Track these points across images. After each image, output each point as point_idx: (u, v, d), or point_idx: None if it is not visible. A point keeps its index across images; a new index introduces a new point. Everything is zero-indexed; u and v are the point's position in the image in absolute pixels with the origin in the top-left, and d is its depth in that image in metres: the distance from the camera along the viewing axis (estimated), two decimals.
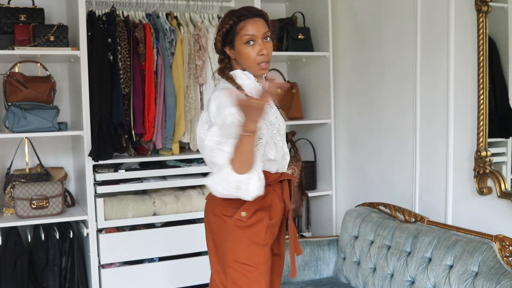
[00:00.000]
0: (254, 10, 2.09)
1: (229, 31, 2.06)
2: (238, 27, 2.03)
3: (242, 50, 2.04)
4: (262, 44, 2.03)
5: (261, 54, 2.03)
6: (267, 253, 2.08)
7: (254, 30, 2.02)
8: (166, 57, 3.31)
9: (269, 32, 2.07)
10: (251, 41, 2.02)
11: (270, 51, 2.06)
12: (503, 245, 2.25)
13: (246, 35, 2.02)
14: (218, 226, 2.07)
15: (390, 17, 3.08)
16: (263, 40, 2.04)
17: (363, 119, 3.35)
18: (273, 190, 2.08)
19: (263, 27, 2.05)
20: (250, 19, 2.03)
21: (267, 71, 2.09)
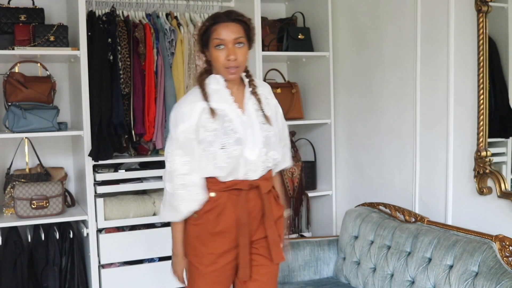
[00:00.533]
0: (233, 15, 2.09)
1: (204, 33, 2.09)
2: (211, 29, 2.06)
3: (213, 53, 2.07)
4: (231, 49, 2.04)
5: (229, 59, 2.04)
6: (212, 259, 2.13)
7: (225, 35, 2.04)
8: (166, 57, 3.31)
9: (244, 38, 2.08)
10: (221, 45, 2.05)
11: (241, 57, 2.06)
12: (503, 245, 2.25)
13: (216, 38, 2.05)
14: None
15: (390, 17, 3.08)
16: (235, 45, 2.05)
17: (363, 119, 3.35)
18: (227, 197, 2.10)
19: (236, 32, 2.05)
20: (224, 23, 2.05)
21: (236, 75, 2.10)
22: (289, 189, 3.59)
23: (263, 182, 2.14)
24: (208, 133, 2.08)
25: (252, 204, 2.13)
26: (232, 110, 2.11)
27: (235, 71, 2.08)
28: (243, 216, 2.10)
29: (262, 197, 2.12)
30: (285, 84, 3.76)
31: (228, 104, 2.11)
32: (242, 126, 2.10)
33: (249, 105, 2.14)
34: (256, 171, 2.12)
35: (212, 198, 2.12)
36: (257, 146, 2.10)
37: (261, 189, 2.12)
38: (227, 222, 2.11)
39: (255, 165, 2.11)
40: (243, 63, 2.10)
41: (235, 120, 2.09)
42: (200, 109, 2.08)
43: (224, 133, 2.07)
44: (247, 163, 2.09)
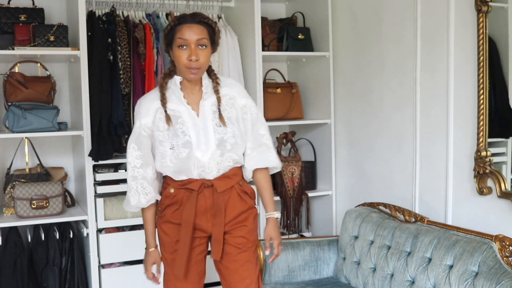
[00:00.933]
0: (198, 17, 2.14)
1: (168, 33, 2.14)
2: (175, 29, 2.11)
3: (175, 53, 2.12)
4: (193, 50, 2.08)
5: (190, 60, 2.08)
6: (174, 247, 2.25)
7: (188, 35, 2.08)
8: (166, 57, 3.31)
9: (207, 40, 2.12)
10: (184, 45, 2.10)
11: (203, 59, 2.11)
12: (503, 245, 2.25)
13: (179, 38, 2.09)
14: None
15: (390, 17, 3.08)
16: (197, 46, 2.09)
17: (363, 119, 3.35)
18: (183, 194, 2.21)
19: (199, 34, 2.10)
20: (188, 24, 2.10)
21: (197, 76, 2.15)
22: (289, 189, 3.60)
23: (219, 181, 2.20)
24: (160, 132, 2.17)
25: (209, 202, 2.21)
26: (186, 112, 2.17)
27: (196, 72, 2.12)
28: (188, 213, 2.19)
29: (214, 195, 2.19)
30: (285, 84, 3.76)
31: (184, 105, 2.17)
32: (194, 128, 2.16)
33: (206, 106, 2.19)
34: (211, 172, 2.19)
35: (171, 194, 2.23)
36: (209, 149, 2.16)
37: (215, 188, 2.19)
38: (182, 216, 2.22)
39: (208, 167, 2.18)
40: (204, 64, 2.14)
41: (187, 122, 2.16)
42: (155, 108, 2.18)
43: (174, 134, 2.15)
44: (199, 164, 2.16)
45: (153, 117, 2.17)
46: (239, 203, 2.27)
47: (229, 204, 2.24)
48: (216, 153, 2.17)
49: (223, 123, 2.19)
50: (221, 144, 2.18)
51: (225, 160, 2.21)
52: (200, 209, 2.22)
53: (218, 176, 2.21)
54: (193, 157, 2.15)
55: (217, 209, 2.21)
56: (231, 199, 2.25)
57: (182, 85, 2.19)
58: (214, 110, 2.20)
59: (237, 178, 2.28)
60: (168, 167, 2.19)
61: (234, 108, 2.24)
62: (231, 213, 2.25)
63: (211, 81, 2.22)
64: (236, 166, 2.28)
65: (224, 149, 2.19)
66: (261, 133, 2.32)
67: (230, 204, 2.25)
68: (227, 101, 2.23)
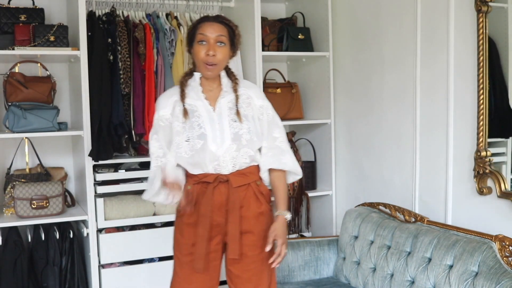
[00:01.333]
0: (220, 17, 2.25)
1: (191, 31, 2.23)
2: (197, 27, 2.20)
3: (195, 49, 2.20)
4: (212, 45, 2.16)
5: (208, 55, 2.16)
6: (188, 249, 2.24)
7: (208, 32, 2.17)
8: (166, 57, 3.31)
9: (226, 38, 2.20)
10: (203, 41, 2.17)
11: (220, 56, 2.18)
12: (503, 245, 2.25)
13: (200, 34, 2.18)
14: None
15: (390, 17, 3.08)
16: (216, 43, 2.17)
17: (363, 119, 3.35)
18: (199, 190, 2.23)
19: (219, 31, 2.18)
20: (210, 22, 2.19)
21: (213, 73, 2.22)
22: (289, 189, 3.60)
23: (235, 176, 2.22)
24: (178, 123, 2.24)
25: (224, 197, 2.21)
26: (203, 106, 2.23)
27: (212, 68, 2.19)
28: (205, 208, 2.20)
29: (229, 191, 2.20)
30: (285, 84, 3.76)
31: (201, 100, 2.24)
32: (210, 122, 2.21)
33: (222, 103, 2.25)
34: (226, 166, 2.21)
35: (188, 191, 2.24)
36: (224, 143, 2.20)
37: (231, 183, 2.21)
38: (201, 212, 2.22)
39: (223, 161, 2.20)
40: (221, 61, 2.21)
41: (203, 116, 2.22)
42: (173, 101, 2.26)
43: (190, 126, 2.22)
44: (214, 157, 2.20)
45: (172, 109, 2.24)
46: (254, 203, 2.26)
47: (245, 202, 2.24)
48: (232, 147, 2.21)
49: (240, 119, 2.23)
50: (236, 139, 2.21)
51: (241, 156, 2.23)
52: (216, 204, 2.22)
53: (233, 172, 2.23)
54: (207, 150, 2.19)
55: (232, 205, 2.21)
56: (247, 197, 2.25)
57: (201, 82, 2.26)
58: (231, 107, 2.25)
59: (254, 177, 2.28)
60: (183, 158, 2.23)
61: (250, 107, 2.29)
62: (246, 212, 2.24)
63: (230, 81, 2.29)
64: (253, 164, 2.28)
65: (240, 144, 2.21)
66: (274, 135, 2.33)
67: (246, 202, 2.24)
68: (244, 100, 2.28)
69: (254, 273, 2.26)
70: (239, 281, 2.27)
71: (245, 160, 2.24)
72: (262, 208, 2.28)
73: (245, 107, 2.27)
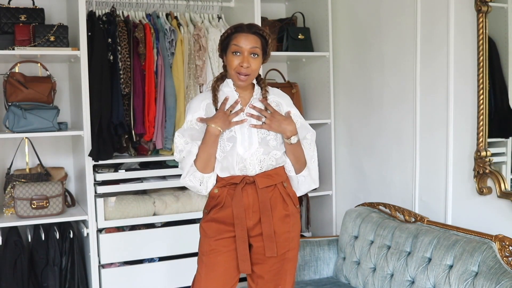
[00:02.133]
0: (254, 27, 2.26)
1: (225, 39, 2.26)
2: (232, 37, 2.23)
3: (228, 58, 2.24)
4: (246, 57, 2.20)
5: (242, 66, 2.20)
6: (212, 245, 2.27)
7: (243, 43, 2.20)
8: (166, 57, 3.31)
9: (259, 49, 2.24)
10: (237, 52, 2.21)
11: (254, 67, 2.23)
12: (503, 245, 2.25)
13: (235, 45, 2.21)
14: None
15: (390, 17, 3.08)
16: (250, 55, 2.21)
17: (363, 119, 3.35)
18: (227, 192, 2.26)
19: (253, 43, 2.22)
20: (245, 34, 2.22)
21: (245, 83, 2.26)
22: None
23: (261, 178, 2.26)
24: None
25: (250, 199, 2.24)
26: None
27: (245, 78, 2.23)
28: (238, 209, 2.23)
29: (257, 192, 2.24)
30: (285, 84, 3.76)
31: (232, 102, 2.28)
32: (240, 126, 2.26)
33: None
34: (253, 169, 2.25)
35: (215, 194, 2.28)
36: (252, 146, 2.25)
37: (257, 184, 2.24)
38: (226, 214, 2.25)
39: (250, 163, 2.24)
40: (254, 72, 2.25)
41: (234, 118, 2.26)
42: (205, 104, 2.30)
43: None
44: (241, 160, 2.24)
45: (204, 111, 2.29)
46: (281, 205, 2.30)
47: (272, 203, 2.27)
48: (259, 151, 2.26)
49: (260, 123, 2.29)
50: (263, 143, 2.26)
51: (269, 158, 2.28)
52: (245, 205, 2.26)
53: (260, 173, 2.27)
54: (235, 153, 2.24)
55: (263, 206, 2.25)
56: (274, 198, 2.28)
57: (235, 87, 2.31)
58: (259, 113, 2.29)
59: (280, 178, 2.32)
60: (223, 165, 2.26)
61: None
62: (273, 213, 2.27)
63: (260, 88, 2.34)
64: (278, 166, 2.32)
65: (267, 148, 2.27)
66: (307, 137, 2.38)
67: (273, 204, 2.28)
68: (274, 107, 2.32)
69: (276, 273, 2.29)
70: (262, 282, 2.30)
71: (272, 162, 2.29)
72: (289, 210, 2.31)
73: None
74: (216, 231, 2.27)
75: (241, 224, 2.24)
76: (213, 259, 2.26)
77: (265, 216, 2.24)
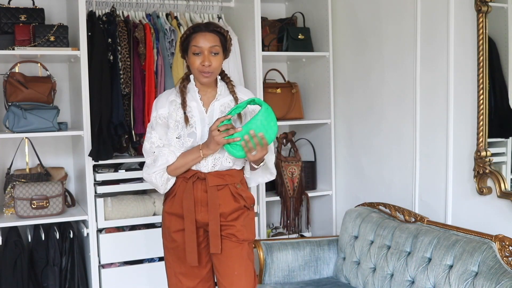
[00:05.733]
0: (212, 26, 2.34)
1: (184, 41, 2.34)
2: (191, 37, 2.31)
3: (190, 59, 2.33)
4: (207, 56, 2.28)
5: (203, 65, 2.28)
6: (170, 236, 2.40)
7: (202, 43, 2.28)
8: (166, 57, 3.31)
9: (219, 47, 2.32)
10: (198, 52, 2.30)
11: (215, 65, 2.31)
12: (503, 245, 2.25)
13: (194, 46, 2.30)
14: None
15: (390, 17, 3.08)
16: (210, 53, 2.29)
17: (363, 119, 3.35)
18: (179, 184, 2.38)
19: (212, 41, 2.30)
20: (202, 33, 2.30)
21: (209, 80, 2.34)
22: (289, 189, 3.60)
23: (212, 176, 2.34)
24: (172, 120, 2.37)
25: (199, 194, 2.34)
26: (197, 107, 2.37)
27: (208, 75, 2.31)
28: (188, 202, 2.33)
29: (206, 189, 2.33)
30: (285, 84, 3.76)
31: (195, 101, 2.37)
32: (201, 122, 2.35)
33: (215, 106, 2.37)
34: (206, 165, 2.34)
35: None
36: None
37: (207, 181, 2.33)
38: (177, 205, 2.37)
39: (205, 160, 2.33)
40: (216, 69, 2.33)
41: (195, 116, 2.35)
42: (170, 101, 2.38)
43: (183, 125, 2.35)
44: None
45: (168, 108, 2.37)
46: (232, 201, 2.37)
47: (221, 201, 2.35)
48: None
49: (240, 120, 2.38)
50: None
51: (225, 159, 2.36)
52: (196, 200, 2.35)
53: (212, 171, 2.35)
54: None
55: (211, 203, 2.33)
56: (223, 195, 2.36)
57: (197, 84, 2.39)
58: (223, 111, 2.37)
59: (233, 180, 2.38)
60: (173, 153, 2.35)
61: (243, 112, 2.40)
62: (224, 209, 2.35)
63: (225, 84, 2.42)
64: (235, 168, 2.40)
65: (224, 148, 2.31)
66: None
67: (222, 201, 2.35)
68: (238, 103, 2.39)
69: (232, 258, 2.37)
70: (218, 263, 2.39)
71: (228, 163, 2.37)
72: (241, 205, 2.39)
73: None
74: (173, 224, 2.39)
75: (190, 217, 2.33)
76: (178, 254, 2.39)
77: (212, 213, 2.32)
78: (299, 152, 3.72)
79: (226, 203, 2.35)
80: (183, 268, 2.40)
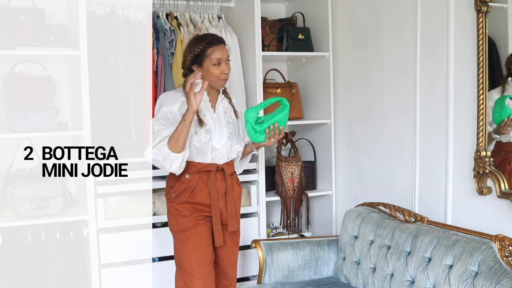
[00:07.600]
0: (219, 38, 2.66)
1: (199, 54, 2.60)
2: (208, 51, 2.60)
3: (209, 70, 2.61)
4: (225, 66, 2.63)
5: (224, 73, 2.62)
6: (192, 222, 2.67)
7: (221, 55, 2.61)
8: (166, 57, 3.31)
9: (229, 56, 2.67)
10: (219, 63, 2.61)
11: (229, 71, 2.66)
12: (502, 245, 2.25)
13: (215, 58, 2.60)
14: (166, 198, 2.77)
15: (390, 17, 3.08)
16: (226, 62, 2.63)
17: (363, 119, 3.35)
18: (199, 178, 2.66)
19: (226, 52, 2.65)
20: (218, 46, 2.61)
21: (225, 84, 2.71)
22: (289, 189, 3.60)
23: (227, 166, 2.73)
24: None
25: (219, 184, 2.70)
26: (206, 108, 2.70)
27: (226, 82, 2.68)
28: (214, 192, 2.67)
29: (225, 177, 2.71)
30: (285, 84, 3.77)
31: (205, 103, 2.70)
32: (212, 121, 2.69)
33: (220, 107, 2.75)
34: (222, 158, 2.70)
35: (186, 179, 2.66)
36: (222, 138, 2.70)
37: (225, 171, 2.71)
38: (200, 197, 2.66)
39: (221, 153, 2.69)
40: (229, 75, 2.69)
41: (207, 116, 2.69)
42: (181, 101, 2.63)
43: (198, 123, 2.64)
44: (214, 150, 2.67)
45: (179, 106, 2.62)
46: (236, 187, 2.80)
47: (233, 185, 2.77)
48: (227, 143, 2.71)
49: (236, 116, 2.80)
50: (231, 137, 2.72)
51: (232, 151, 2.75)
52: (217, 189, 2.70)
53: (226, 162, 2.73)
54: (210, 143, 2.65)
55: (229, 189, 2.72)
56: (233, 181, 2.79)
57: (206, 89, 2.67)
58: (225, 111, 2.76)
59: (233, 168, 2.82)
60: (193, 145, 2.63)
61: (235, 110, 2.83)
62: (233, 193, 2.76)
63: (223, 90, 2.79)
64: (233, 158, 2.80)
65: (233, 141, 2.73)
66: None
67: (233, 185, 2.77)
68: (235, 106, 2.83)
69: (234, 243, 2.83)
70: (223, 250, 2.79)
71: (233, 155, 2.76)
72: (240, 192, 2.84)
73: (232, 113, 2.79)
74: (192, 211, 2.66)
75: (216, 205, 2.67)
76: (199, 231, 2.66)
77: (230, 198, 2.72)
78: (299, 152, 3.72)
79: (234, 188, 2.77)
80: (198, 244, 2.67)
